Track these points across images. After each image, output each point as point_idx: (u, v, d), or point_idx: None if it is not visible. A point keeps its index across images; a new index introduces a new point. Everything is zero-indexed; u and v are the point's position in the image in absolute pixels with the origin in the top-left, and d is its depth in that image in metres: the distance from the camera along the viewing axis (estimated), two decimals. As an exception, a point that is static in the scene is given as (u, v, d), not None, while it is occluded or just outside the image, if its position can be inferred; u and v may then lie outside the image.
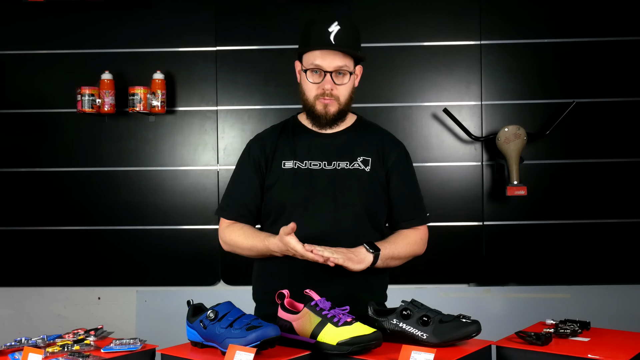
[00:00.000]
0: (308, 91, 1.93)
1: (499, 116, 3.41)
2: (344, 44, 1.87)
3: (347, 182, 1.92)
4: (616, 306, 3.36)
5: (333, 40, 1.86)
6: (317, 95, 1.91)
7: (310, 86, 1.91)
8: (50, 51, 3.48)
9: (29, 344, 1.64)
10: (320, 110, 1.92)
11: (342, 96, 1.92)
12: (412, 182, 2.03)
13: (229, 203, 2.00)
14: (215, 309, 1.59)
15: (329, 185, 1.91)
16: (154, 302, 3.51)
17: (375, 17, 3.41)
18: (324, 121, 1.94)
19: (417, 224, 2.01)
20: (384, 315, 1.64)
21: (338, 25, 1.87)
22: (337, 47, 1.86)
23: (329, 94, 1.90)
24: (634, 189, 3.37)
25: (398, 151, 2.01)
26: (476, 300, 3.42)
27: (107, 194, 3.47)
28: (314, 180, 1.92)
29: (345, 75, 1.90)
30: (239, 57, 3.45)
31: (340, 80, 1.90)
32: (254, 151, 2.00)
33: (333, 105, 1.92)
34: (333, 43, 1.86)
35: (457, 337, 1.55)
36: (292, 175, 1.93)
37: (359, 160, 1.95)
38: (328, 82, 1.88)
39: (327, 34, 1.86)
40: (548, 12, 3.41)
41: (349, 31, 1.89)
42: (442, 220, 3.35)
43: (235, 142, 3.45)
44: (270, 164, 1.96)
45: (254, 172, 1.98)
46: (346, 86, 1.91)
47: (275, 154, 1.97)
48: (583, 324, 1.71)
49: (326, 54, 1.87)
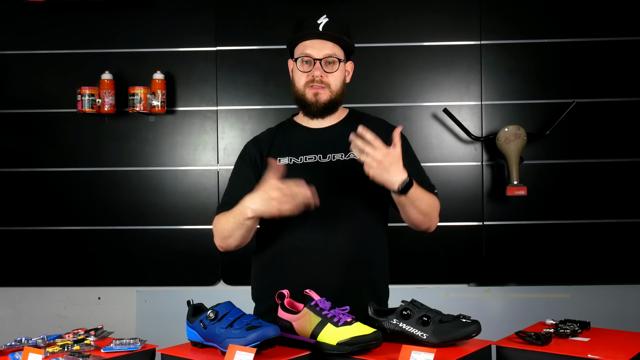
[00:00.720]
0: (298, 80, 1.96)
1: (499, 116, 3.41)
2: (333, 32, 1.91)
3: (344, 174, 1.92)
4: (616, 306, 3.36)
5: (321, 29, 1.91)
6: (307, 83, 1.93)
7: (299, 74, 1.95)
8: (50, 51, 3.48)
9: (29, 344, 1.64)
10: (311, 98, 1.94)
11: (333, 84, 1.94)
12: (414, 161, 2.01)
13: (226, 201, 1.99)
14: (215, 309, 1.59)
15: (325, 178, 1.91)
16: (154, 302, 3.51)
17: (375, 17, 3.41)
18: (314, 109, 1.94)
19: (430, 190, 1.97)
20: (384, 315, 1.64)
21: (326, 17, 1.92)
22: (325, 36, 1.90)
23: (318, 80, 1.91)
24: (634, 189, 3.37)
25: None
26: (476, 300, 3.42)
27: (107, 194, 3.47)
28: (310, 174, 1.91)
29: (335, 64, 1.93)
30: (239, 57, 3.46)
31: (330, 69, 1.93)
32: (250, 150, 2.02)
33: (324, 94, 1.93)
34: (321, 31, 1.90)
35: (457, 337, 1.55)
36: (287, 170, 1.93)
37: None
38: (317, 69, 1.91)
39: (315, 25, 1.91)
40: (548, 12, 3.41)
41: (337, 22, 1.94)
42: (442, 220, 3.28)
43: (235, 142, 3.45)
44: (266, 161, 1.97)
45: (250, 169, 1.98)
46: (336, 74, 1.94)
47: (270, 151, 1.98)
48: (583, 324, 1.71)
49: (315, 43, 1.91)
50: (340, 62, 1.94)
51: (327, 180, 1.91)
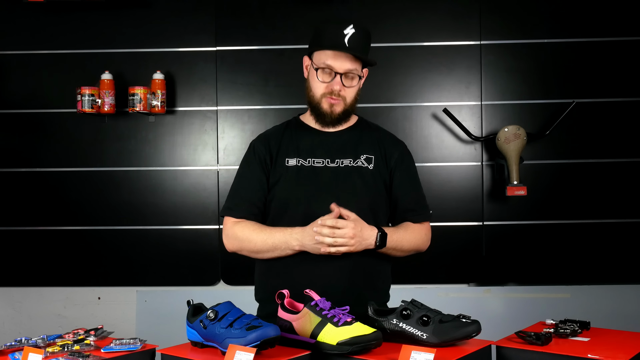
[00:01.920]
0: (315, 89, 1.94)
1: (499, 116, 3.41)
2: (357, 48, 1.88)
3: (351, 179, 1.93)
4: (616, 306, 3.36)
5: (347, 42, 1.87)
6: (325, 94, 1.92)
7: (318, 84, 1.93)
8: (50, 51, 3.48)
9: (29, 344, 1.64)
10: (326, 109, 1.94)
11: (349, 97, 1.94)
12: (415, 180, 2.05)
13: (236, 202, 1.98)
14: (215, 309, 1.59)
15: (332, 182, 1.92)
16: (154, 302, 3.51)
17: (375, 17, 3.41)
18: (328, 119, 1.95)
19: (421, 219, 2.02)
20: (384, 315, 1.64)
21: (353, 28, 1.88)
22: (351, 50, 1.87)
23: (336, 94, 1.91)
24: (634, 189, 3.37)
25: (400, 150, 2.03)
26: (476, 300, 3.42)
27: (107, 194, 3.47)
28: (317, 177, 1.92)
29: (354, 79, 1.93)
30: (239, 57, 3.46)
31: (349, 83, 1.92)
32: (259, 149, 2.00)
33: (339, 105, 1.94)
34: (347, 46, 1.87)
35: (457, 337, 1.55)
36: (295, 172, 1.94)
37: (362, 158, 1.97)
38: (337, 83, 1.90)
39: (342, 35, 1.87)
40: (548, 12, 3.41)
41: (362, 36, 1.91)
42: (442, 220, 3.35)
43: (235, 142, 3.45)
44: (275, 161, 1.97)
45: (260, 169, 1.97)
46: (354, 89, 1.94)
47: (279, 151, 1.98)
48: (583, 324, 1.71)
49: (338, 56, 1.89)
50: (360, 77, 1.94)
51: (334, 185, 1.92)
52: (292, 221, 1.90)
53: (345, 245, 1.79)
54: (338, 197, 1.89)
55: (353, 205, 1.90)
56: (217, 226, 3.39)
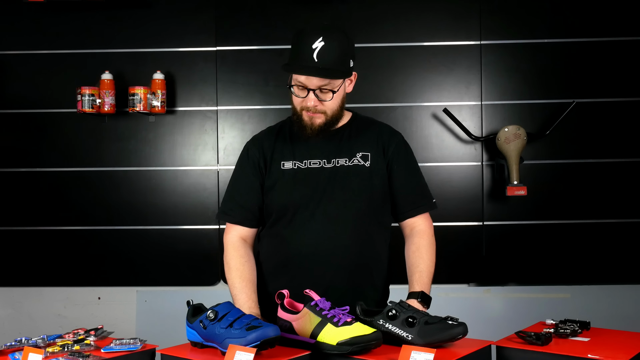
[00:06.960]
0: (294, 103, 1.93)
1: (499, 116, 3.41)
2: (327, 62, 1.82)
3: (348, 179, 1.92)
4: (616, 306, 3.36)
5: (316, 58, 1.81)
6: (303, 108, 1.90)
7: (296, 99, 1.91)
8: (50, 51, 3.48)
9: (29, 344, 1.64)
10: (307, 121, 1.91)
11: (330, 109, 1.90)
12: (414, 169, 2.01)
13: (231, 207, 1.98)
14: (215, 309, 1.59)
15: (330, 183, 1.91)
16: (154, 302, 3.51)
17: (375, 17, 3.41)
18: (309, 131, 1.92)
19: (424, 210, 1.99)
20: (371, 315, 1.65)
21: (322, 41, 1.82)
22: (317, 71, 1.81)
23: (313, 110, 1.88)
24: (634, 189, 3.37)
25: (396, 141, 2.00)
26: (476, 300, 3.42)
27: (107, 194, 3.47)
28: (314, 179, 1.92)
29: (329, 93, 1.87)
30: (239, 57, 3.46)
31: (324, 97, 1.87)
32: (252, 152, 1.99)
33: (319, 118, 1.90)
34: (316, 61, 1.81)
35: (442, 339, 1.53)
36: (292, 175, 1.93)
37: (357, 157, 1.95)
38: (310, 99, 1.86)
39: (309, 52, 1.82)
40: (548, 12, 3.40)
41: (334, 46, 1.83)
42: (442, 220, 3.35)
43: (235, 142, 3.45)
44: (270, 165, 1.96)
45: (253, 173, 1.97)
46: (333, 101, 1.89)
47: (273, 154, 1.97)
48: (583, 324, 1.71)
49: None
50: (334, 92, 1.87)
51: (331, 185, 1.91)
52: (290, 225, 1.90)
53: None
54: (336, 198, 1.89)
55: (351, 205, 1.90)
56: (217, 226, 3.39)
